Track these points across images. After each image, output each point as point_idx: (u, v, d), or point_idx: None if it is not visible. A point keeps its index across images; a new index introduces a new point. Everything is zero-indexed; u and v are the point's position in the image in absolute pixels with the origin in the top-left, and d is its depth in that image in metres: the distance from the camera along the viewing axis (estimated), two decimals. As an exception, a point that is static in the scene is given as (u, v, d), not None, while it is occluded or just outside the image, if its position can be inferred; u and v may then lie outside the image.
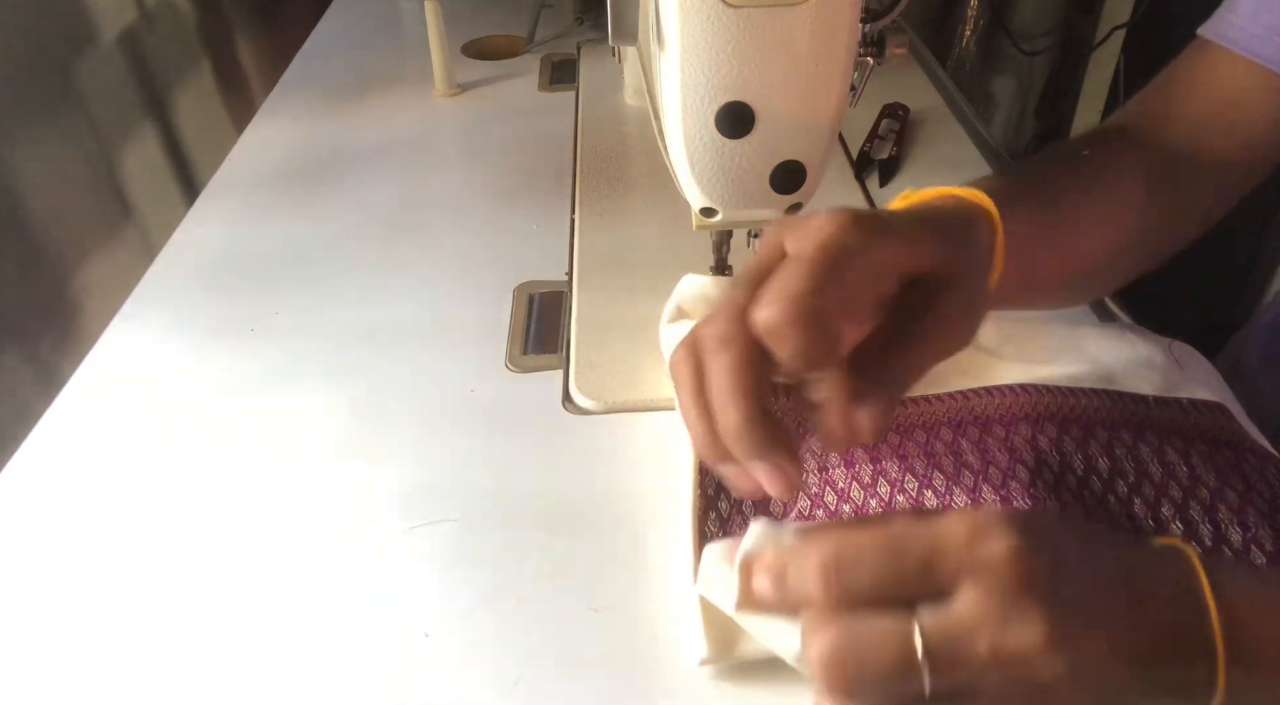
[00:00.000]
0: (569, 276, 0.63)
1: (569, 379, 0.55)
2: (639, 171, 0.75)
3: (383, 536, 0.46)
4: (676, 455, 0.48)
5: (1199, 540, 0.42)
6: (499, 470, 0.50)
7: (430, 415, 0.53)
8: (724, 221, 0.47)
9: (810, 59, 0.40)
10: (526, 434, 0.52)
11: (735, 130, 0.42)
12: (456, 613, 0.42)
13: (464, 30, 0.99)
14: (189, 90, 1.01)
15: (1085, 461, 0.46)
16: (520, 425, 0.52)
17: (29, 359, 0.73)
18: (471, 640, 0.41)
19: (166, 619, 0.43)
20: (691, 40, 0.39)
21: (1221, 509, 0.43)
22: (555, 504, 0.48)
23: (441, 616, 0.42)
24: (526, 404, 0.54)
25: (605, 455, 0.50)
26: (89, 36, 0.84)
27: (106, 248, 0.83)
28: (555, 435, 0.52)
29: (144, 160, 0.91)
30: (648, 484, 0.48)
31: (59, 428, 0.53)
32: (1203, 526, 0.42)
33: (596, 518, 0.47)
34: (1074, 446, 0.46)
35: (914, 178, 0.73)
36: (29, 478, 0.50)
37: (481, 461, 0.50)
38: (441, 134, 0.85)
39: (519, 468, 0.50)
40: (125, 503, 0.48)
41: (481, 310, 0.60)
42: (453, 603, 0.43)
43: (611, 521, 0.46)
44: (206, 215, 0.73)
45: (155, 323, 0.61)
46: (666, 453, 0.49)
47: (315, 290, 0.63)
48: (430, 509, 0.47)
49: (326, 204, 0.73)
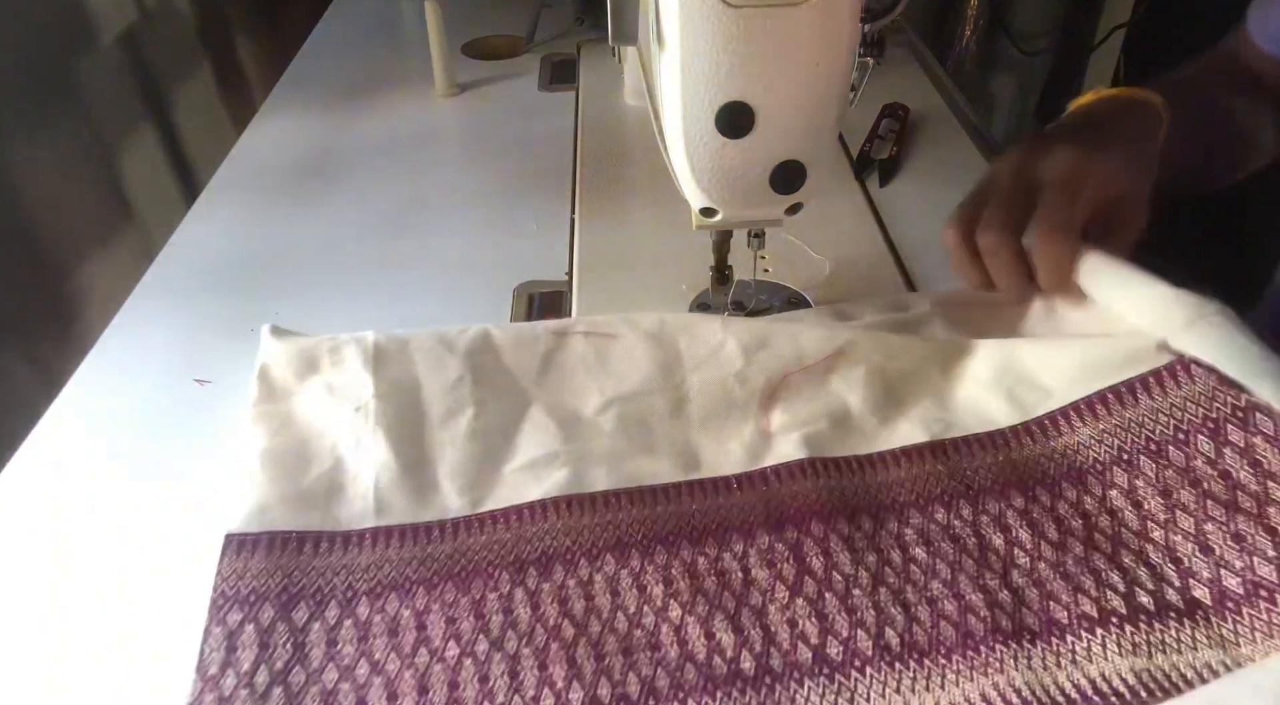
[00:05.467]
0: (569, 276, 0.63)
1: (569, 379, 0.55)
2: (639, 171, 0.75)
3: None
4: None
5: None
6: (499, 470, 0.49)
7: (430, 415, 0.53)
8: (724, 221, 0.47)
9: (810, 59, 0.40)
10: (526, 434, 0.52)
11: (735, 130, 0.42)
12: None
13: (464, 30, 0.99)
14: (189, 90, 1.01)
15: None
16: (520, 425, 0.52)
17: (29, 359, 0.73)
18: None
19: (166, 619, 0.42)
20: (691, 40, 0.39)
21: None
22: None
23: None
24: (526, 404, 0.54)
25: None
26: (89, 36, 0.84)
27: (106, 248, 0.83)
28: (555, 435, 0.52)
29: (144, 160, 0.91)
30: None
31: (59, 428, 0.53)
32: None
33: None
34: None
35: (914, 178, 0.73)
36: (29, 478, 0.50)
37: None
38: (441, 134, 0.85)
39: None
40: (125, 503, 0.48)
41: (481, 310, 0.60)
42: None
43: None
44: (206, 215, 0.73)
45: (155, 323, 0.61)
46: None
47: (315, 290, 0.63)
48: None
49: (326, 204, 0.73)
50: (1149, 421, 0.42)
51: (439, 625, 0.39)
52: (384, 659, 0.38)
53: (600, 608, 0.39)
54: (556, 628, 0.38)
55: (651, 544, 0.41)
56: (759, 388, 0.48)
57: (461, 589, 0.40)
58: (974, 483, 0.43)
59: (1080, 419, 0.44)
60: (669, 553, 0.41)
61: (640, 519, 0.42)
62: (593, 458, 0.45)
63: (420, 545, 0.42)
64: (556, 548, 0.41)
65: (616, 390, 0.49)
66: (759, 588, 0.39)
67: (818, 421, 0.46)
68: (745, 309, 0.57)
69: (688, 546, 0.41)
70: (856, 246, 0.64)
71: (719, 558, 0.40)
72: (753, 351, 0.49)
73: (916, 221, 0.66)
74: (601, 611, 0.39)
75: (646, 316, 0.52)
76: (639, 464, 0.45)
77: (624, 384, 0.49)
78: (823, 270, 0.61)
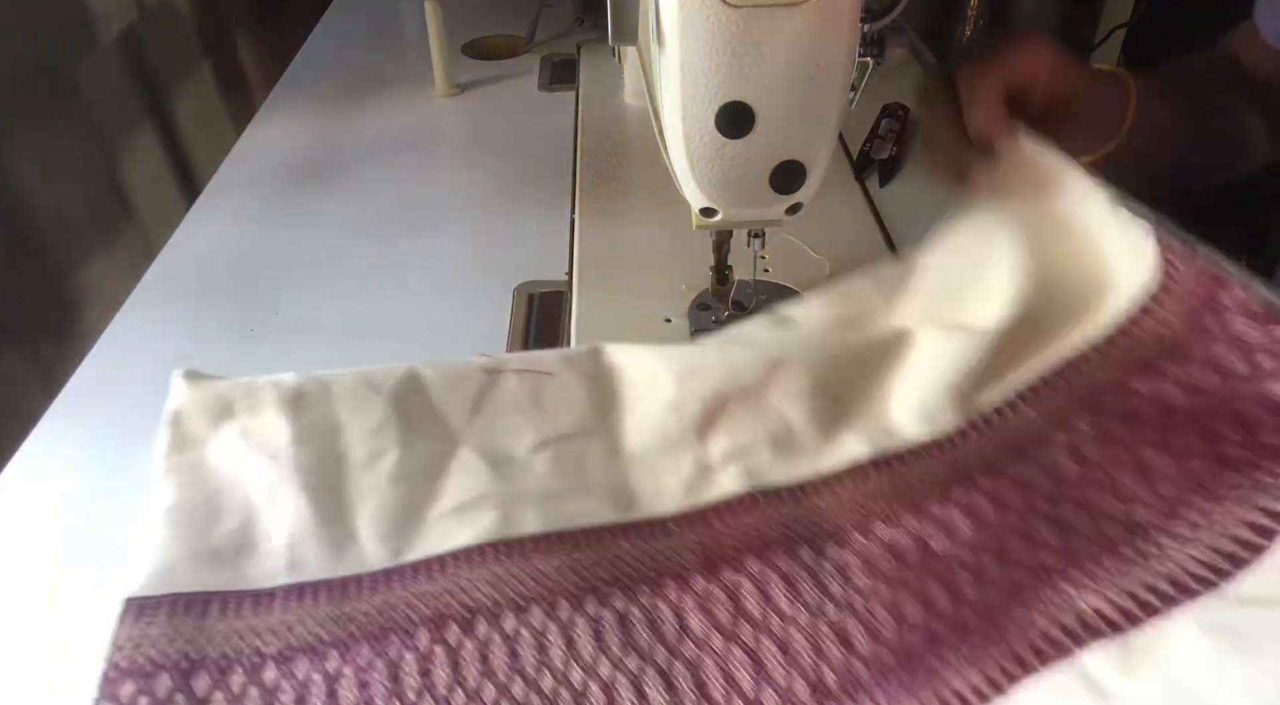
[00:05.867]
0: (569, 276, 0.63)
1: (569, 379, 0.55)
2: (639, 171, 0.75)
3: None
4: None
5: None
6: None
7: (430, 415, 0.53)
8: (724, 221, 0.47)
9: (810, 59, 0.40)
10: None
11: (735, 130, 0.42)
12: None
13: (464, 30, 0.99)
14: (189, 90, 1.01)
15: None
16: (520, 425, 0.52)
17: (29, 359, 0.73)
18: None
19: (166, 619, 0.42)
20: (691, 40, 0.39)
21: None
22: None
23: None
24: (526, 404, 0.54)
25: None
26: (89, 36, 0.84)
27: (106, 248, 0.83)
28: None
29: (144, 160, 0.91)
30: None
31: (59, 428, 0.53)
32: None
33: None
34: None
35: (914, 178, 0.73)
36: (29, 478, 0.50)
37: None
38: (441, 134, 0.85)
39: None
40: (125, 503, 0.48)
41: (481, 310, 0.60)
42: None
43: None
44: (206, 215, 0.73)
45: (155, 323, 0.61)
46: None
47: (315, 290, 0.63)
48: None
49: (327, 204, 0.73)
50: (1091, 389, 0.42)
51: (351, 691, 0.37)
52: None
53: (525, 665, 0.37)
54: (477, 690, 0.36)
55: (582, 593, 0.39)
56: (695, 414, 0.46)
57: (377, 650, 0.38)
58: (917, 490, 0.42)
59: (1024, 403, 0.43)
60: (600, 602, 0.39)
61: (570, 565, 0.40)
62: (523, 499, 0.43)
63: (335, 602, 0.40)
64: (481, 600, 0.39)
65: (551, 430, 0.46)
66: (693, 637, 0.38)
67: (758, 450, 0.45)
68: (746, 309, 0.57)
69: (619, 595, 0.39)
70: (856, 246, 0.64)
71: (653, 606, 0.39)
72: (685, 377, 0.47)
73: (916, 221, 0.66)
74: (526, 670, 0.37)
75: (582, 350, 0.50)
76: (572, 505, 0.43)
77: (558, 424, 0.47)
78: (823, 270, 0.61)
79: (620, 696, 0.36)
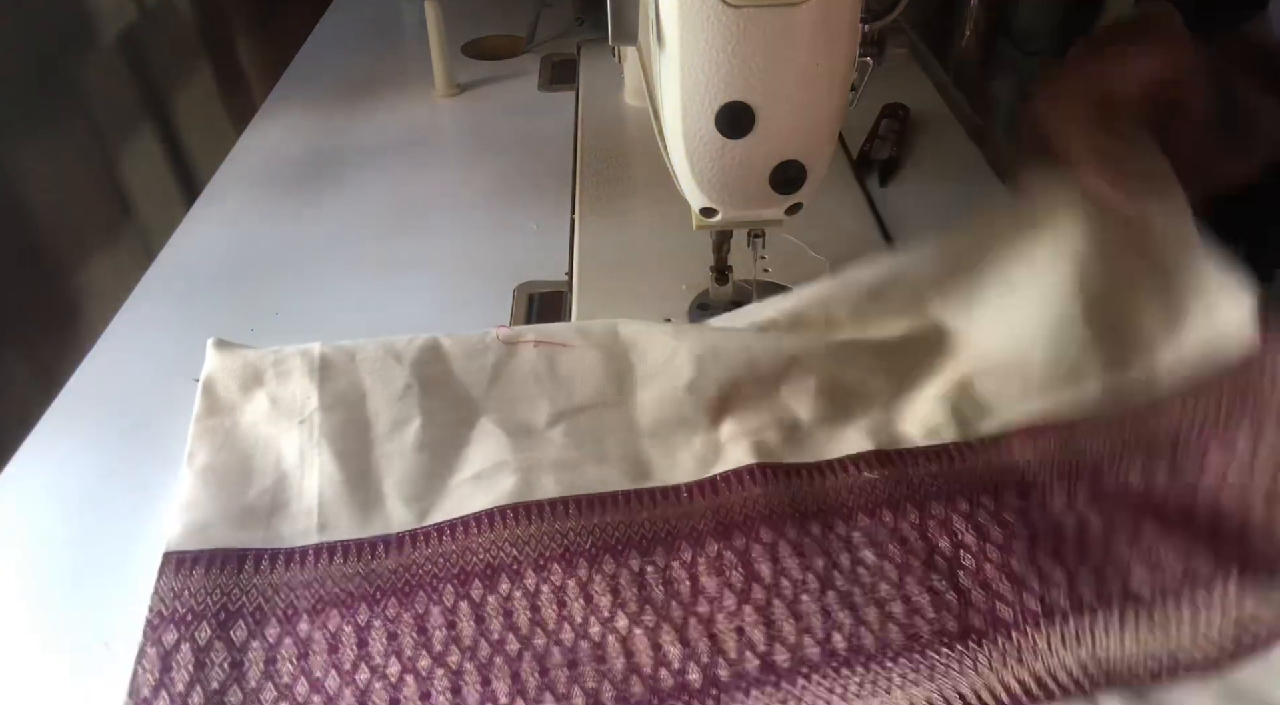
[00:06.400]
0: (569, 276, 0.63)
1: (569, 379, 0.55)
2: (639, 171, 0.75)
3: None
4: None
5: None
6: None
7: (430, 415, 0.53)
8: (724, 221, 0.47)
9: (810, 59, 0.40)
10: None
11: (735, 130, 0.42)
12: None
13: (464, 30, 0.99)
14: (189, 90, 1.01)
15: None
16: (520, 425, 0.52)
17: (29, 359, 0.73)
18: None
19: (166, 619, 0.42)
20: (691, 40, 0.39)
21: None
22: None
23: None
24: (526, 404, 0.54)
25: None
26: (89, 37, 0.84)
27: (106, 248, 0.83)
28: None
29: (144, 160, 0.91)
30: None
31: (59, 428, 0.53)
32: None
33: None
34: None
35: (914, 178, 0.73)
36: (29, 478, 0.50)
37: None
38: (441, 134, 0.85)
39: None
40: (125, 504, 0.48)
41: (481, 310, 0.60)
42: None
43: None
44: (206, 215, 0.73)
45: (155, 323, 0.61)
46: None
47: (315, 290, 0.63)
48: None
49: (326, 204, 0.73)
50: (1088, 447, 0.43)
51: (380, 641, 0.38)
52: (324, 677, 0.37)
53: (546, 620, 0.39)
54: (500, 641, 0.38)
55: (599, 553, 0.41)
56: (710, 398, 0.47)
57: (404, 604, 0.40)
58: (919, 488, 0.43)
59: (1021, 441, 0.45)
60: (617, 562, 0.40)
61: (588, 527, 0.42)
62: (541, 467, 0.45)
63: (364, 561, 0.42)
64: (503, 559, 0.41)
65: (567, 402, 0.48)
66: (707, 596, 0.39)
67: (767, 430, 0.46)
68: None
69: (635, 555, 0.41)
70: (856, 246, 0.63)
71: (667, 566, 0.40)
72: (704, 361, 0.48)
73: (916, 221, 0.66)
74: (547, 623, 0.39)
75: (599, 324, 0.51)
76: (588, 472, 0.45)
77: (574, 396, 0.48)
78: (823, 270, 0.61)
79: (637, 647, 0.37)
